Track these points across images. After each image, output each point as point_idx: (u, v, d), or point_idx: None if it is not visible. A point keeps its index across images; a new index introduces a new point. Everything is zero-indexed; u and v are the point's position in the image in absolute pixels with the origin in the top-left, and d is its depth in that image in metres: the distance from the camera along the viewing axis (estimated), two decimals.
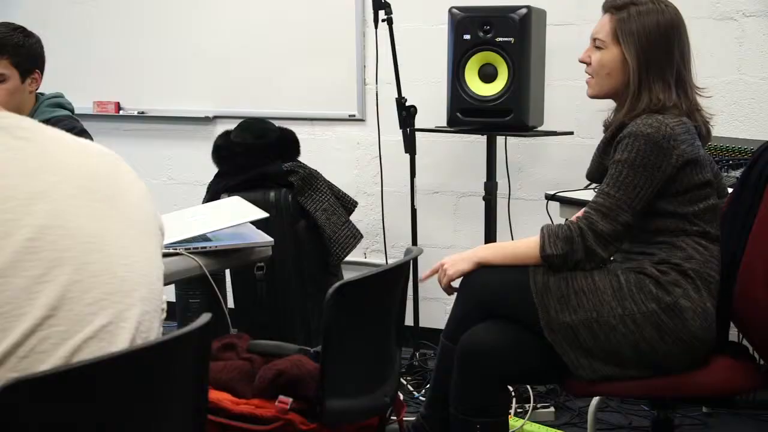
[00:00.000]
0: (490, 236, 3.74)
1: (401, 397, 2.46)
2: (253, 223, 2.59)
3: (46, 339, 1.34)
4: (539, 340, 2.35)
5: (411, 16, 4.13)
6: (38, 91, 3.06)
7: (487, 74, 3.57)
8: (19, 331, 1.31)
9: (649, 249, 2.39)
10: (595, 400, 3.08)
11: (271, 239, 2.53)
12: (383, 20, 3.75)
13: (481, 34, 3.53)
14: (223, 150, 3.83)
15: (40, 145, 1.48)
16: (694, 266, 2.34)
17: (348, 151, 4.41)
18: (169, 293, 1.63)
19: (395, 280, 2.16)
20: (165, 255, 1.64)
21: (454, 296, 2.58)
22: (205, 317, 1.48)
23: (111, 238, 1.47)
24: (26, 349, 1.32)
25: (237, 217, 2.54)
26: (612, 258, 2.44)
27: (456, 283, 2.52)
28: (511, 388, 2.90)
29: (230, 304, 3.59)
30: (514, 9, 3.49)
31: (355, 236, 3.87)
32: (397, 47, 3.79)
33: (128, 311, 1.45)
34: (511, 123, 3.55)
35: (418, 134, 3.84)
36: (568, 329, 2.31)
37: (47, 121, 2.15)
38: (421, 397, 3.59)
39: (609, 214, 2.33)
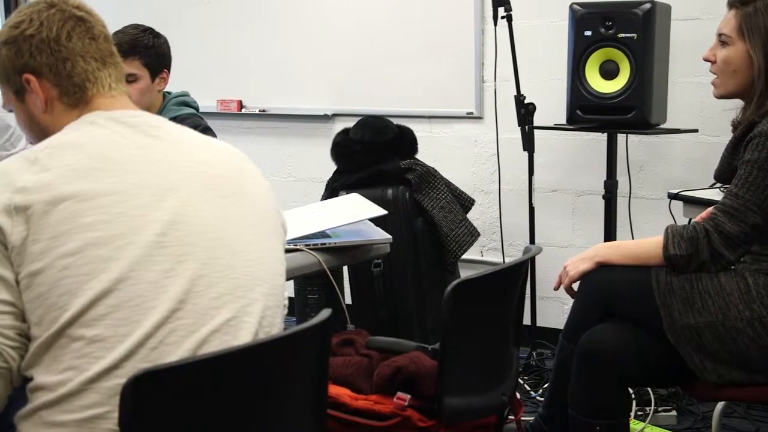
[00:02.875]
0: (609, 235, 3.68)
1: (518, 396, 2.44)
2: (371, 219, 2.61)
3: (173, 331, 1.38)
4: (661, 342, 2.29)
5: (531, 13, 4.09)
6: (165, 90, 3.15)
7: (609, 71, 3.50)
8: (149, 323, 1.36)
9: None
10: (720, 404, 2.98)
11: (389, 236, 2.55)
12: (503, 17, 3.73)
13: (602, 30, 3.47)
14: (341, 147, 3.86)
15: (168, 143, 1.53)
16: None
17: (465, 148, 4.39)
18: (288, 288, 1.66)
19: (513, 279, 2.15)
20: (286, 251, 1.66)
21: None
22: (325, 313, 1.50)
23: (235, 234, 1.50)
24: (156, 341, 1.36)
25: (356, 214, 2.56)
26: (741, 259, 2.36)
27: (576, 285, 2.48)
28: (631, 390, 2.84)
29: (347, 300, 3.62)
30: (638, 4, 3.41)
31: (472, 234, 3.86)
32: (516, 44, 3.76)
33: (251, 306, 1.48)
34: (633, 120, 3.48)
35: (536, 132, 3.80)
36: (692, 332, 2.24)
37: (173, 119, 2.21)
38: (538, 397, 3.55)
39: (737, 215, 2.25)
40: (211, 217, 1.48)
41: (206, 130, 3.00)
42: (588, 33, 3.49)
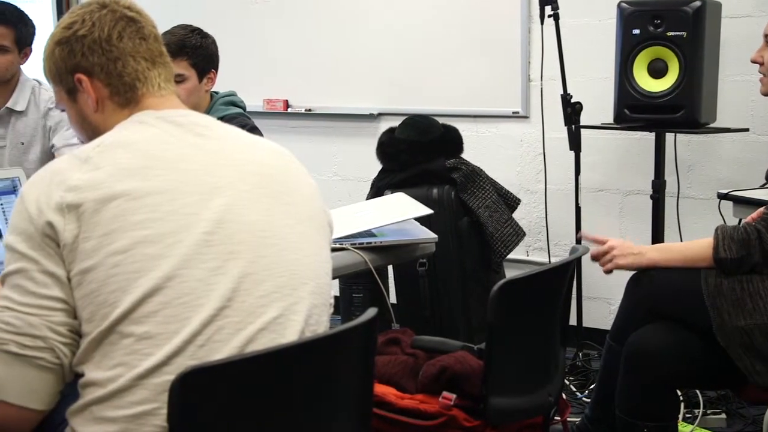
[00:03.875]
0: (657, 236, 3.64)
1: (564, 397, 2.42)
2: (417, 219, 2.61)
3: (221, 329, 1.39)
4: (710, 344, 2.26)
5: (578, 12, 4.06)
6: (212, 89, 3.17)
7: (657, 70, 3.47)
8: (197, 320, 1.37)
9: None
10: None
11: (435, 236, 2.54)
12: (549, 16, 3.71)
13: (651, 28, 3.43)
14: (387, 147, 3.87)
15: (216, 142, 1.54)
16: None
17: (511, 148, 4.38)
18: (333, 287, 1.67)
19: (560, 279, 2.13)
20: (331, 250, 1.66)
21: (618, 296, 2.52)
22: (371, 312, 1.51)
23: (282, 233, 1.51)
24: (204, 338, 1.37)
25: (401, 214, 2.56)
26: None
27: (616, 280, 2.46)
28: (679, 393, 2.81)
29: (392, 299, 3.62)
30: (687, 2, 3.37)
31: (518, 234, 3.84)
32: (562, 43, 3.73)
33: (298, 304, 1.48)
34: (682, 120, 3.44)
35: (583, 131, 3.78)
36: (742, 334, 2.21)
37: (221, 119, 2.21)
38: (584, 398, 3.53)
39: None
40: (258, 216, 1.49)
41: (253, 130, 3.02)
42: (636, 31, 3.46)
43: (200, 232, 1.41)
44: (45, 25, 4.91)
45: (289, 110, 4.90)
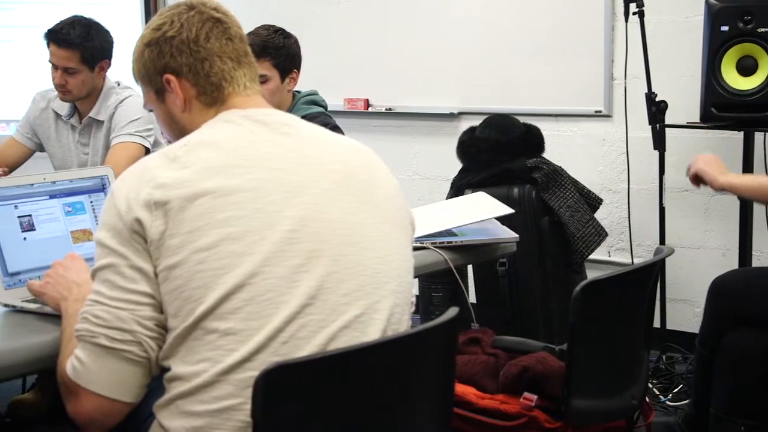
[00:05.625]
0: (745, 237, 3.56)
1: (647, 400, 2.39)
2: (497, 218, 2.59)
3: (304, 326, 1.40)
4: None
5: (663, 8, 3.99)
6: (296, 89, 3.20)
7: (746, 67, 3.39)
8: (280, 317, 1.38)
9: None
10: None
11: (516, 235, 2.53)
12: (634, 13, 3.65)
13: (740, 24, 3.36)
14: (467, 146, 3.85)
15: (300, 141, 1.56)
16: None
17: (593, 147, 4.32)
18: (413, 286, 1.68)
19: (644, 280, 2.10)
20: (413, 249, 1.66)
21: (703, 298, 2.48)
22: (452, 311, 1.50)
23: (364, 231, 1.51)
24: (287, 335, 1.38)
25: (482, 213, 2.55)
26: None
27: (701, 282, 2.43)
28: None
29: (471, 298, 3.61)
30: None
31: (600, 234, 3.79)
32: (647, 40, 3.67)
33: (380, 303, 1.49)
34: None
35: (668, 130, 3.71)
36: None
37: (303, 118, 2.23)
38: (667, 402, 3.46)
39: None
40: (341, 215, 1.50)
41: (335, 129, 3.03)
42: (725, 28, 3.39)
43: (284, 230, 1.43)
44: (133, 27, 5.03)
45: (370, 109, 4.92)
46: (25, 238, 1.87)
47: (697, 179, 2.48)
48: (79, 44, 3.25)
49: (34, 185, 1.92)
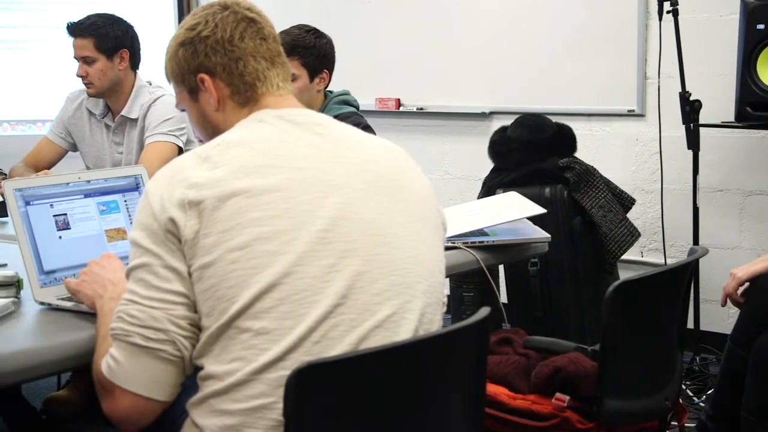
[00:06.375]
0: None
1: (681, 401, 2.37)
2: (529, 218, 2.58)
3: (336, 326, 1.40)
4: None
5: (698, 6, 3.96)
6: (328, 89, 3.20)
7: None
8: (313, 317, 1.39)
9: None
10: None
11: (548, 235, 2.52)
12: (668, 12, 3.62)
13: None
14: (499, 145, 3.85)
15: (333, 141, 1.56)
16: None
17: (626, 147, 4.30)
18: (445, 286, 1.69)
19: (678, 281, 2.08)
20: (444, 249, 1.66)
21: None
22: (484, 311, 1.50)
23: (396, 231, 1.51)
24: (319, 335, 1.39)
25: (514, 213, 2.54)
26: None
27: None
28: None
29: (502, 298, 3.60)
30: None
31: (633, 234, 3.77)
32: (681, 39, 3.64)
33: (411, 303, 1.49)
34: None
35: (702, 130, 3.68)
36: None
37: (335, 118, 2.23)
38: (701, 403, 3.44)
39: None
40: (373, 214, 1.50)
41: (366, 128, 3.03)
42: (761, 26, 3.36)
43: (316, 229, 1.43)
44: (166, 27, 5.07)
45: (401, 109, 4.92)
46: (60, 237, 1.89)
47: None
48: (92, 32, 3.34)
49: (69, 184, 1.94)
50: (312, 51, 3.07)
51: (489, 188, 3.79)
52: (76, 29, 3.35)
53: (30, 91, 5.00)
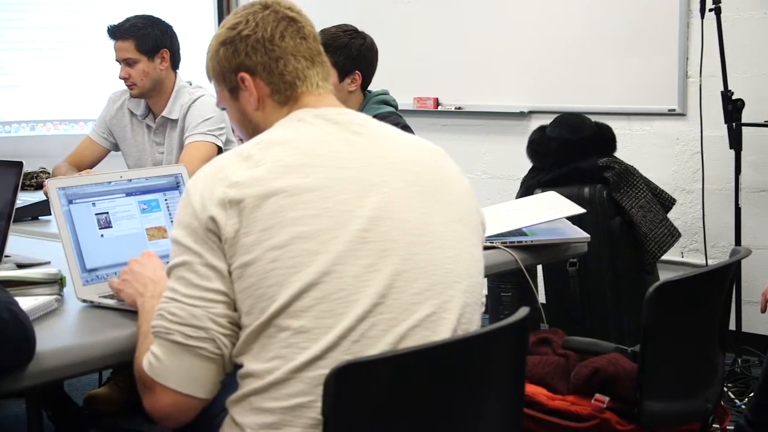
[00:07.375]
0: None
1: (722, 404, 2.34)
2: (568, 218, 2.57)
3: (375, 325, 1.40)
4: None
5: (741, 4, 3.91)
6: (368, 89, 3.20)
7: None
8: (352, 316, 1.39)
9: None
10: None
11: (587, 235, 2.50)
12: (711, 10, 3.58)
13: None
14: (538, 145, 3.83)
15: (372, 140, 1.56)
16: None
17: (666, 146, 4.25)
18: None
19: (719, 282, 2.06)
20: (483, 248, 1.66)
21: None
22: (523, 311, 1.49)
23: (435, 231, 1.51)
24: (358, 334, 1.39)
25: (553, 213, 2.53)
26: None
27: None
28: None
29: (541, 298, 3.58)
30: None
31: (673, 234, 3.74)
32: (724, 37, 3.60)
33: (450, 302, 1.49)
34: None
35: (744, 129, 3.64)
36: None
37: (374, 117, 2.23)
38: (743, 406, 3.40)
39: None
40: (412, 214, 1.50)
41: (405, 128, 3.02)
42: None
43: (356, 229, 1.43)
44: (207, 26, 5.11)
45: (439, 108, 4.91)
46: (102, 235, 1.91)
47: None
48: (132, 33, 3.39)
49: (111, 183, 1.96)
50: (344, 51, 3.06)
51: (527, 188, 3.77)
52: (116, 32, 3.40)
53: (73, 91, 5.06)
